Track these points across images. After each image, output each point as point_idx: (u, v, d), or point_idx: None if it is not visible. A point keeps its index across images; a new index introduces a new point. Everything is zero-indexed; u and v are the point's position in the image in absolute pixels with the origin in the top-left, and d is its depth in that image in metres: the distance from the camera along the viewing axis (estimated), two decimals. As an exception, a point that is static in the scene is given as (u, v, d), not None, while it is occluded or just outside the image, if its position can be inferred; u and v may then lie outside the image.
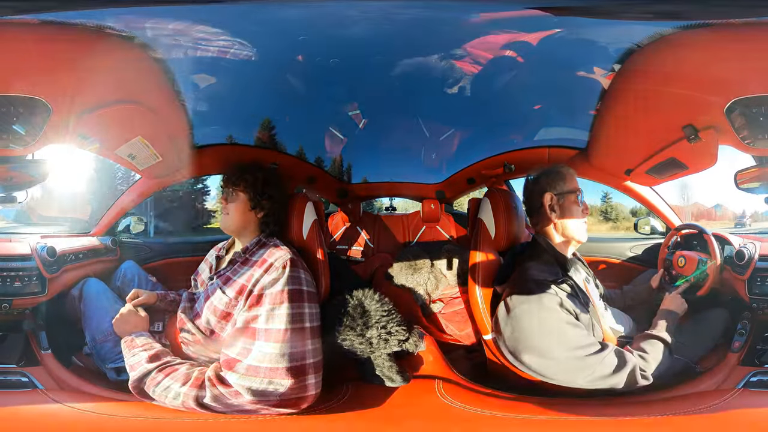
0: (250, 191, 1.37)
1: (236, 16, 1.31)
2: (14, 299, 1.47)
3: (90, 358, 1.49)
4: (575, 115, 1.84)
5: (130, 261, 1.75)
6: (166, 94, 1.54)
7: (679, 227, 1.80)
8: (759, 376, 1.34)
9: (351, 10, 1.27)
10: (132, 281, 1.67)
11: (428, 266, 1.87)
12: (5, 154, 1.33)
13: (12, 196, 1.45)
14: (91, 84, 1.37)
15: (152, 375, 1.20)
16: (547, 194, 1.38)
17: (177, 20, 1.24)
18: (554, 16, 1.23)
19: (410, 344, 1.36)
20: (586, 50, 1.50)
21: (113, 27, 1.23)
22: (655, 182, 1.83)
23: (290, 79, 1.70)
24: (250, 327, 1.19)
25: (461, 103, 1.88)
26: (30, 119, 1.29)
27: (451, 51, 1.57)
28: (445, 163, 2.22)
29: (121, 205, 1.81)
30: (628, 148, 1.77)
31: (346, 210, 2.32)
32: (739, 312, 1.50)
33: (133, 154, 1.63)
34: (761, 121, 1.31)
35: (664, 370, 1.29)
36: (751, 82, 1.29)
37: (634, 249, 1.99)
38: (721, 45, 1.28)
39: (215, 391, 1.13)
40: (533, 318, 1.24)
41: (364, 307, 1.33)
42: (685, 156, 1.62)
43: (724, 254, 1.56)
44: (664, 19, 1.23)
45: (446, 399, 1.25)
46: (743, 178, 1.44)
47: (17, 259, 1.50)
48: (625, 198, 1.93)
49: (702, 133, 1.50)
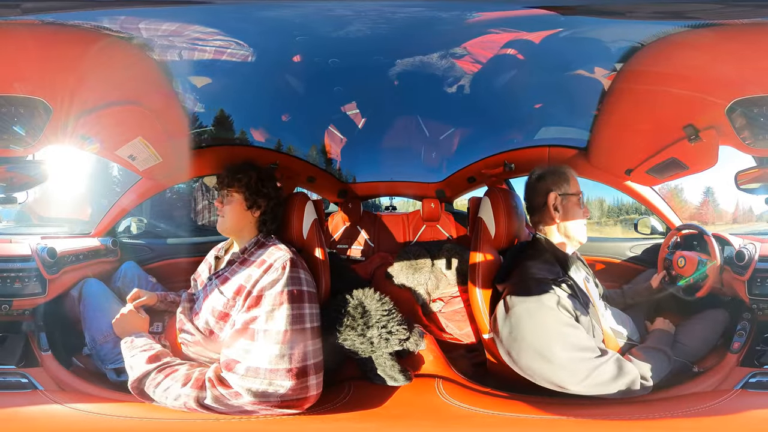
0: (245, 191, 1.37)
1: (236, 16, 1.30)
2: (14, 300, 1.47)
3: (90, 358, 1.50)
4: (576, 115, 1.84)
5: (131, 262, 1.75)
6: (167, 95, 1.54)
7: (680, 227, 1.80)
8: (758, 377, 1.34)
9: (351, 10, 1.26)
10: (132, 282, 1.67)
11: (428, 265, 1.87)
12: (5, 154, 1.33)
13: (12, 197, 1.45)
14: (92, 85, 1.36)
15: (152, 376, 1.20)
16: (552, 194, 1.38)
17: (177, 21, 1.24)
18: (556, 15, 1.22)
19: (411, 343, 1.37)
20: (586, 50, 1.49)
21: (113, 28, 1.22)
22: (656, 182, 1.83)
23: (289, 79, 1.70)
24: (250, 328, 1.19)
25: (461, 101, 1.88)
26: (30, 120, 1.29)
27: (451, 50, 1.56)
28: (445, 162, 2.22)
29: (121, 206, 1.81)
30: (628, 147, 1.77)
31: (346, 209, 2.33)
32: (739, 313, 1.50)
33: (133, 154, 1.63)
34: (762, 122, 1.30)
35: (663, 375, 1.29)
36: (752, 82, 1.29)
37: (634, 249, 1.99)
38: (723, 45, 1.28)
39: (216, 392, 1.13)
40: (532, 317, 1.24)
41: (365, 306, 1.34)
42: (686, 156, 1.62)
43: (724, 255, 1.56)
44: (671, 18, 1.23)
45: (446, 398, 1.25)
46: (744, 179, 1.44)
47: (17, 260, 1.50)
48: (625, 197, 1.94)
49: (703, 134, 1.50)
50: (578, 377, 1.18)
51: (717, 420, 1.15)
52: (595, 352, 1.20)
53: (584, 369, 1.18)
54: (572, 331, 1.21)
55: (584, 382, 1.18)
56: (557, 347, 1.19)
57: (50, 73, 1.29)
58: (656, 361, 1.30)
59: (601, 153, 1.79)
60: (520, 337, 1.24)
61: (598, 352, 1.20)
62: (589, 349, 1.20)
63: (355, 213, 2.33)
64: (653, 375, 1.25)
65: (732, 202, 1.81)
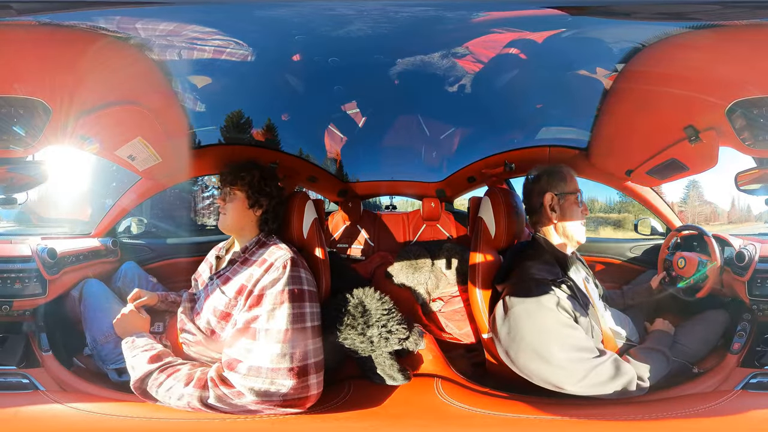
0: (247, 189, 1.38)
1: (235, 16, 1.30)
2: (15, 301, 1.47)
3: (91, 359, 1.50)
4: (577, 115, 1.84)
5: (131, 262, 1.75)
6: (166, 95, 1.53)
7: (680, 228, 1.80)
8: (758, 378, 1.34)
9: (350, 9, 1.26)
10: (133, 282, 1.67)
11: (428, 265, 1.87)
12: (5, 155, 1.33)
13: (12, 198, 1.45)
14: (91, 85, 1.36)
15: (154, 375, 1.20)
16: (548, 194, 1.38)
17: (176, 21, 1.23)
18: (563, 15, 1.22)
19: (410, 343, 1.37)
20: (588, 50, 1.49)
21: (110, 28, 1.22)
22: (656, 183, 1.83)
23: (289, 78, 1.69)
24: (251, 327, 1.19)
25: (462, 101, 1.87)
26: (30, 121, 1.29)
27: (453, 49, 1.56)
28: (445, 162, 2.21)
29: (121, 206, 1.80)
30: (629, 148, 1.77)
31: (346, 209, 2.32)
32: (739, 313, 1.50)
33: (132, 155, 1.62)
34: (762, 123, 1.30)
35: (661, 376, 1.29)
36: (752, 83, 1.29)
37: (634, 250, 1.99)
38: (724, 46, 1.27)
39: (218, 392, 1.14)
40: (531, 318, 1.24)
41: (365, 306, 1.34)
42: (686, 157, 1.61)
43: (725, 256, 1.56)
44: (672, 19, 1.22)
45: (445, 398, 1.25)
46: (744, 180, 1.44)
47: (18, 260, 1.50)
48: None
49: (703, 135, 1.49)
50: (576, 378, 1.18)
51: (717, 421, 1.16)
52: (594, 353, 1.20)
53: (582, 369, 1.18)
54: (571, 331, 1.21)
55: (581, 383, 1.18)
56: (555, 348, 1.20)
57: (49, 74, 1.29)
58: (654, 361, 1.30)
59: (601, 153, 1.78)
60: (519, 337, 1.24)
61: (596, 353, 1.21)
62: (587, 350, 1.21)
63: (355, 212, 2.32)
64: (651, 376, 1.25)
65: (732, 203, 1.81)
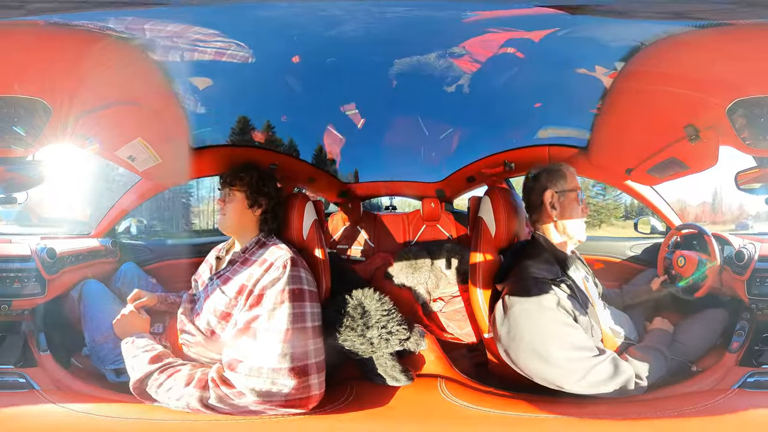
0: (247, 190, 1.39)
1: (235, 17, 1.30)
2: (14, 300, 1.47)
3: (88, 359, 1.50)
4: (576, 114, 1.84)
5: (130, 262, 1.75)
6: (166, 96, 1.53)
7: (679, 227, 1.80)
8: (756, 377, 1.35)
9: (351, 8, 1.26)
10: (132, 282, 1.67)
11: (428, 265, 1.87)
12: (5, 155, 1.33)
13: (12, 198, 1.45)
14: (91, 85, 1.36)
15: (154, 376, 1.20)
16: (548, 192, 1.38)
17: (176, 21, 1.23)
18: (562, 15, 1.22)
19: (411, 343, 1.37)
20: (587, 49, 1.49)
21: (113, 28, 1.21)
22: (656, 182, 1.83)
23: (288, 79, 1.69)
24: (252, 327, 1.19)
25: (461, 101, 1.87)
26: (30, 120, 1.28)
27: (450, 49, 1.55)
28: (445, 162, 2.21)
29: (121, 207, 1.80)
30: (629, 147, 1.77)
31: (346, 209, 2.32)
32: (738, 312, 1.51)
33: (133, 155, 1.62)
34: (762, 122, 1.30)
35: (660, 374, 1.29)
36: (752, 83, 1.29)
37: (634, 248, 1.99)
38: (724, 45, 1.27)
39: (219, 392, 1.13)
40: (530, 317, 1.24)
41: (364, 307, 1.33)
42: (686, 156, 1.61)
43: (724, 255, 1.56)
44: (672, 18, 1.22)
45: (449, 397, 1.25)
46: (744, 179, 1.44)
47: (17, 260, 1.50)
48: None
49: (703, 134, 1.49)
50: (575, 376, 1.18)
51: (715, 419, 1.16)
52: (593, 352, 1.21)
53: (581, 368, 1.19)
54: (570, 330, 1.22)
55: (581, 382, 1.18)
56: (554, 347, 1.20)
57: (50, 74, 1.28)
58: (653, 360, 1.31)
59: (601, 152, 1.78)
60: (519, 336, 1.25)
61: (595, 352, 1.21)
62: (586, 349, 1.21)
63: (355, 213, 2.33)
64: (649, 374, 1.26)
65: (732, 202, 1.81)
